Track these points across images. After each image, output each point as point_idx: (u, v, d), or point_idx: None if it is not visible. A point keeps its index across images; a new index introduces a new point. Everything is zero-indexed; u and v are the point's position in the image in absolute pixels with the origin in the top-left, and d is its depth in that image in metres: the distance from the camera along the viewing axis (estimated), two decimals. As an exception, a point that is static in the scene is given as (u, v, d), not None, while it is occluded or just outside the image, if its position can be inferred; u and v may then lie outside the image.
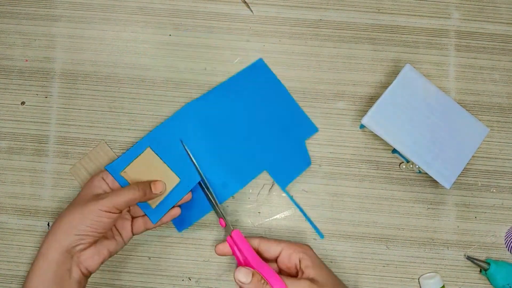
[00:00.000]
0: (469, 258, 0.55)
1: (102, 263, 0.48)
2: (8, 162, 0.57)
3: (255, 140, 0.56)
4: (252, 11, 0.59)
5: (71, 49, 0.58)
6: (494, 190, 0.57)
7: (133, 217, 0.52)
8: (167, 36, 0.58)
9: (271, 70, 0.58)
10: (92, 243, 0.47)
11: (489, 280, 0.55)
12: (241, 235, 0.48)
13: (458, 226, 0.56)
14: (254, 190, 0.56)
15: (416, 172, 0.57)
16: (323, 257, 0.55)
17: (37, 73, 0.58)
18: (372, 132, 0.55)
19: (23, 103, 0.57)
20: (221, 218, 0.51)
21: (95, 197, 0.47)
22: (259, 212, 0.56)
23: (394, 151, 0.57)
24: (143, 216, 0.52)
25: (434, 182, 0.57)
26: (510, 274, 0.53)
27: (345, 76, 0.58)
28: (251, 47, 0.58)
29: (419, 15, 0.59)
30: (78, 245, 0.46)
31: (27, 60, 0.58)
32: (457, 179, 0.56)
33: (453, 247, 0.56)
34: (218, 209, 0.51)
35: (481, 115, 0.58)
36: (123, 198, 0.47)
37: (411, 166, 0.56)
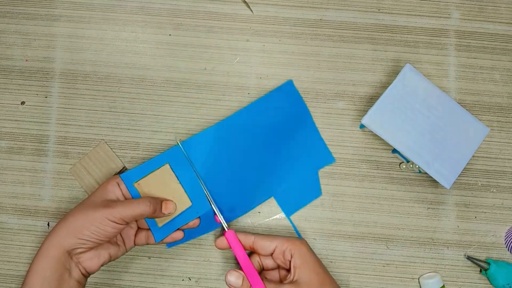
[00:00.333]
0: (469, 258, 0.55)
1: (102, 265, 0.48)
2: (8, 162, 0.57)
3: (269, 166, 0.55)
4: (252, 11, 0.59)
5: (71, 49, 0.58)
6: (494, 190, 0.57)
7: (139, 228, 0.52)
8: (167, 36, 0.58)
9: (299, 93, 0.57)
10: (93, 248, 0.47)
11: (489, 280, 0.55)
12: (234, 236, 0.50)
13: (458, 226, 0.56)
14: (254, 190, 0.56)
15: (416, 172, 0.57)
16: (323, 257, 0.55)
17: (37, 73, 0.58)
18: (372, 132, 0.55)
19: (23, 103, 0.57)
20: (216, 215, 0.52)
21: (106, 204, 0.47)
22: (259, 212, 0.56)
23: (394, 151, 0.57)
24: (147, 230, 0.51)
25: (434, 182, 0.57)
26: (510, 274, 0.53)
27: (345, 76, 0.58)
28: (251, 47, 0.58)
29: (419, 15, 0.59)
30: (78, 248, 0.46)
31: (27, 60, 0.58)
32: (457, 179, 0.56)
33: (453, 247, 0.56)
34: (214, 207, 0.52)
35: (481, 115, 0.58)
36: (132, 212, 0.47)
37: (411, 166, 0.56)
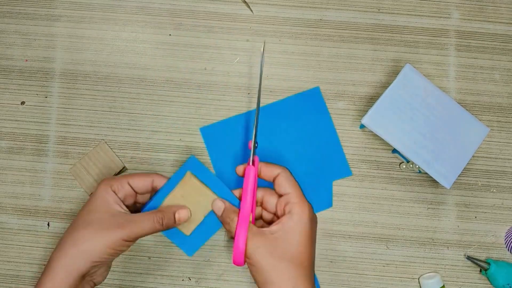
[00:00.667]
0: (469, 258, 0.55)
1: None
2: (8, 162, 0.57)
3: None
4: (252, 11, 0.59)
5: (71, 49, 0.58)
6: (494, 190, 0.57)
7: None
8: (167, 36, 0.58)
9: (324, 101, 0.57)
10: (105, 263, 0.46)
11: (489, 280, 0.55)
12: (254, 175, 0.47)
13: (458, 226, 0.56)
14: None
15: (416, 172, 0.57)
16: (323, 257, 0.55)
17: (37, 73, 0.58)
18: (372, 132, 0.55)
19: (23, 103, 0.57)
20: (250, 141, 0.48)
21: (119, 223, 0.45)
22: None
23: (394, 151, 0.57)
24: None
25: (434, 182, 0.57)
26: (510, 274, 0.53)
27: (345, 76, 0.58)
28: (251, 47, 0.58)
29: (419, 15, 0.59)
30: (93, 270, 0.45)
31: (27, 60, 0.58)
32: (457, 179, 0.56)
33: (453, 247, 0.56)
34: (254, 133, 0.48)
35: (481, 115, 0.58)
36: (145, 231, 0.45)
37: (411, 166, 0.56)
